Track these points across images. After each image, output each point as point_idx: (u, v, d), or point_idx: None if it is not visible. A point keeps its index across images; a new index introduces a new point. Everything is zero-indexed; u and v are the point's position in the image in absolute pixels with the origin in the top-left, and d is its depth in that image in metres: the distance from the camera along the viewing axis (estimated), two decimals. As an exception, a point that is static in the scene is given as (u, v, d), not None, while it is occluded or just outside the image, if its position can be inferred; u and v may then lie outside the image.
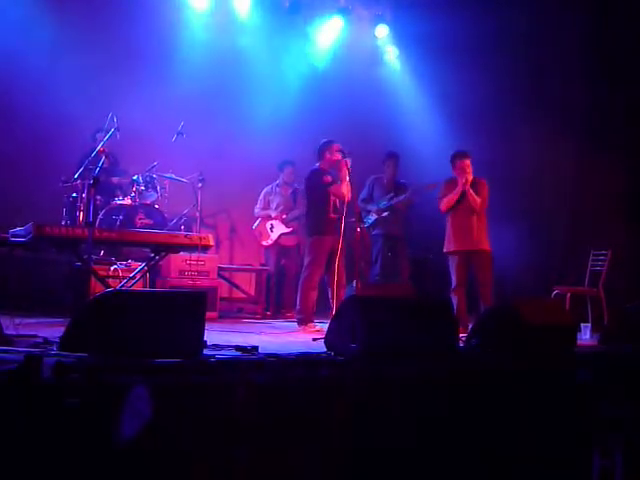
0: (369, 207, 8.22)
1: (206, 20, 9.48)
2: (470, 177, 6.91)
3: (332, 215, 6.82)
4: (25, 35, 7.93)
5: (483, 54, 9.18)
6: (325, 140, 7.02)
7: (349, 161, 6.83)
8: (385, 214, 8.17)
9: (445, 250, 7.02)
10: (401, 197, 8.12)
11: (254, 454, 3.18)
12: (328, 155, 6.92)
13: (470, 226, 6.88)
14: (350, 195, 6.81)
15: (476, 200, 6.88)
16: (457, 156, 7.00)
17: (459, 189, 6.90)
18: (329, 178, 6.86)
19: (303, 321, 6.76)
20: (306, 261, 6.87)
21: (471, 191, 6.88)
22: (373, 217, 8.22)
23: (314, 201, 6.92)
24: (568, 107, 8.64)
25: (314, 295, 6.80)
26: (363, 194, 8.31)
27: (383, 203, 8.19)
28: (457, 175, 6.95)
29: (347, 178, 6.77)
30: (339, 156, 6.88)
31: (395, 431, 3.55)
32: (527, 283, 8.25)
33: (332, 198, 6.84)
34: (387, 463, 3.53)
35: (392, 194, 8.20)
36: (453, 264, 6.93)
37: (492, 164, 8.03)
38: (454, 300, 6.78)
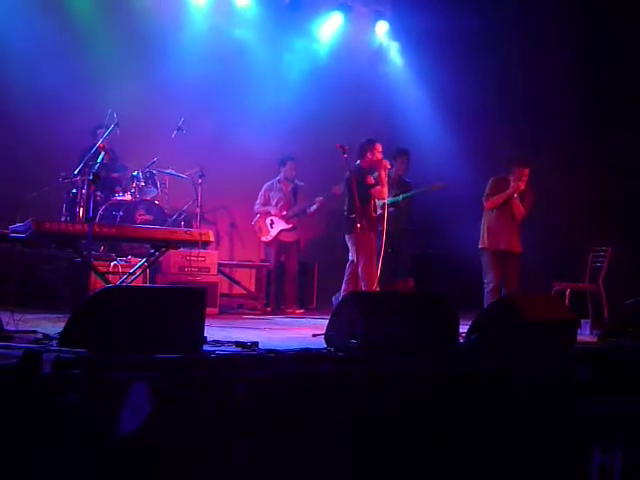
0: None
1: (206, 16, 9.48)
2: (522, 187, 6.96)
3: (373, 214, 6.96)
4: (24, 31, 7.91)
5: (483, 51, 9.16)
6: (367, 139, 7.07)
7: (388, 163, 6.92)
8: (390, 210, 8.16)
9: (480, 246, 7.09)
10: (407, 194, 8.15)
11: (254, 450, 3.18)
12: (370, 155, 6.96)
13: (507, 229, 7.01)
14: (386, 196, 7.00)
15: (520, 210, 7.00)
16: (519, 163, 7.04)
17: (508, 193, 6.96)
18: (372, 179, 6.92)
19: None
20: (361, 261, 6.78)
21: (517, 201, 6.96)
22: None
23: (356, 199, 6.90)
24: (568, 105, 8.62)
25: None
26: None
27: (388, 199, 8.17)
28: (512, 180, 6.98)
29: (385, 179, 6.89)
30: (380, 156, 6.93)
31: (395, 427, 3.55)
32: (527, 279, 8.23)
33: (373, 198, 6.92)
34: (387, 459, 3.53)
35: (395, 191, 8.19)
36: (487, 261, 7.01)
37: (493, 161, 8.02)
38: (493, 295, 6.85)
